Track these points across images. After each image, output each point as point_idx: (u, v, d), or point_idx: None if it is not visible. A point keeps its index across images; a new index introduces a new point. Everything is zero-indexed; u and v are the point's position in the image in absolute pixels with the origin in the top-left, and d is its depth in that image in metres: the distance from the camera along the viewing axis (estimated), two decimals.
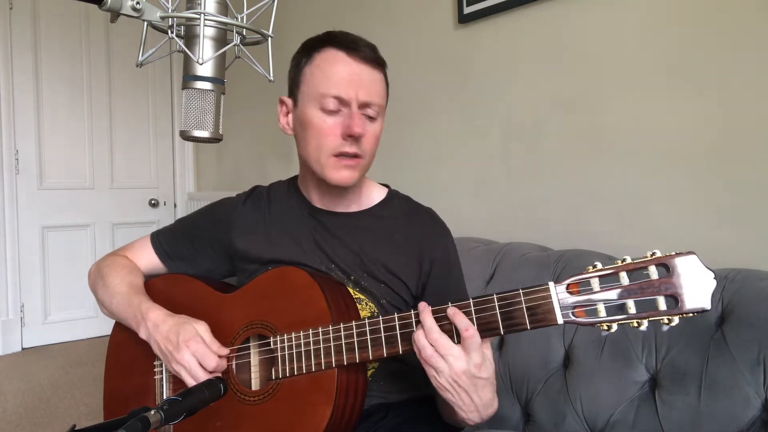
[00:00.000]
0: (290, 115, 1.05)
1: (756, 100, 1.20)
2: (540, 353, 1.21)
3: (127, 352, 1.08)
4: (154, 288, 1.10)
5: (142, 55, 0.87)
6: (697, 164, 1.30)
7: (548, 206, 1.62)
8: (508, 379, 1.27)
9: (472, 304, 0.80)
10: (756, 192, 1.21)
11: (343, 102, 0.95)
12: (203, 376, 0.90)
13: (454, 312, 0.80)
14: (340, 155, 0.96)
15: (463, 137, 1.88)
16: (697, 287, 0.70)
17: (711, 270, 0.70)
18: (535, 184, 1.66)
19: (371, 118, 0.99)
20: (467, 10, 1.82)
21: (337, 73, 0.95)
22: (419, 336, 0.80)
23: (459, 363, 0.79)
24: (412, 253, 1.04)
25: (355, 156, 0.97)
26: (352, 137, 0.95)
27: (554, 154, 1.60)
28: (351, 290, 1.00)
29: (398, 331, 0.84)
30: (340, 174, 0.97)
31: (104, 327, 3.44)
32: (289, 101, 1.05)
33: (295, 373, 0.89)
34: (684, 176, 1.32)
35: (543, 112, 1.63)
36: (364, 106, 0.96)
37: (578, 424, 1.13)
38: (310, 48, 1.00)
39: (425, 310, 0.81)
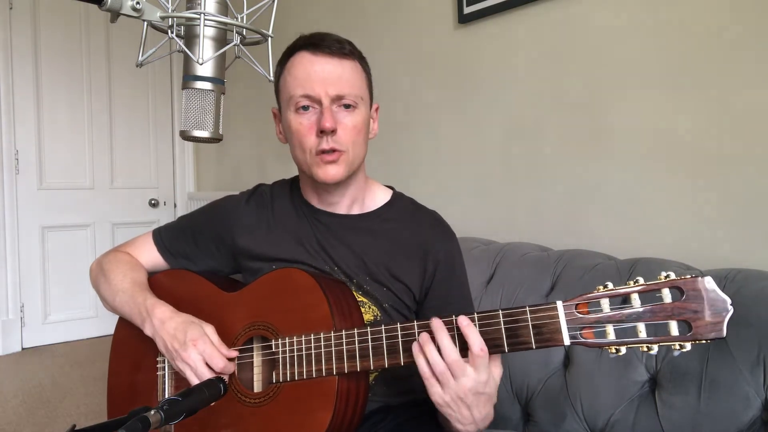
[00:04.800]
0: (280, 125, 1.06)
1: (756, 100, 1.20)
2: (540, 353, 1.21)
3: (131, 348, 1.08)
4: (157, 284, 1.10)
5: (142, 55, 0.87)
6: (697, 164, 1.30)
7: (548, 206, 1.62)
8: (508, 379, 1.27)
9: (476, 318, 0.79)
10: (756, 192, 1.21)
11: (313, 100, 0.96)
12: (208, 376, 0.90)
13: (467, 324, 0.78)
14: (321, 153, 0.97)
15: (463, 137, 1.88)
16: (711, 313, 0.66)
17: (727, 296, 0.65)
18: (535, 184, 1.66)
19: (349, 108, 0.98)
20: (467, 10, 1.82)
21: (304, 73, 0.96)
22: (431, 352, 0.78)
23: (468, 381, 0.78)
24: (416, 256, 1.04)
25: (333, 151, 0.96)
26: (324, 132, 0.95)
27: (554, 154, 1.60)
28: (354, 293, 0.99)
29: (400, 340, 0.83)
30: (324, 171, 0.97)
31: (104, 327, 3.45)
32: (277, 111, 1.07)
33: (296, 377, 0.89)
34: (684, 176, 1.32)
35: (543, 112, 1.63)
36: (337, 99, 0.96)
37: (578, 424, 1.13)
38: (286, 56, 1.01)
39: (441, 329, 0.79)
